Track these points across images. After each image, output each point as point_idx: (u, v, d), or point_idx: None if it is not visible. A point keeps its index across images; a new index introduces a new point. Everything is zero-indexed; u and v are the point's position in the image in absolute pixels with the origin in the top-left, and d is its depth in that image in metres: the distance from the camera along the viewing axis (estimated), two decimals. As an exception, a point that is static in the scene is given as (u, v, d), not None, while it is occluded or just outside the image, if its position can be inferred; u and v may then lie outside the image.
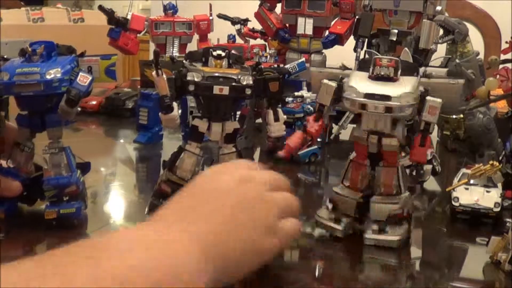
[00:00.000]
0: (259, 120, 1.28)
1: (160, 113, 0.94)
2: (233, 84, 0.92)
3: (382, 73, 0.91)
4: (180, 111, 0.96)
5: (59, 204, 0.95)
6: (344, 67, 0.98)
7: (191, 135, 0.97)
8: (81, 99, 0.94)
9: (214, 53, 0.94)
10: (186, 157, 0.96)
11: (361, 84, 0.90)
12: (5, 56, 0.96)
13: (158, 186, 0.97)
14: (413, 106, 0.88)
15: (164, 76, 0.92)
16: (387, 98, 0.87)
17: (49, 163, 0.96)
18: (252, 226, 0.72)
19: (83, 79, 0.94)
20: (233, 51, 0.98)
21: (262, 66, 0.98)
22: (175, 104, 0.93)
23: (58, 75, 0.90)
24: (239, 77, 0.93)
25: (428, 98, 0.89)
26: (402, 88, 0.88)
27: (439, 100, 0.89)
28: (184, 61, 0.97)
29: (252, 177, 0.78)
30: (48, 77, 0.89)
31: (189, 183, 0.80)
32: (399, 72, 0.91)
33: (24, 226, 0.97)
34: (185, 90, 0.94)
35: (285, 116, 0.99)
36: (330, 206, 0.97)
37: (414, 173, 0.91)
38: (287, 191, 0.82)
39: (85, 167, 1.03)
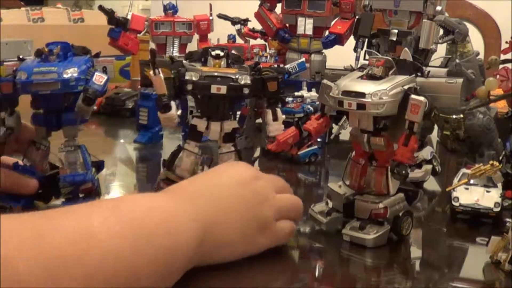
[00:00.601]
0: (259, 120, 1.29)
1: (158, 112, 0.94)
2: (231, 83, 0.92)
3: (370, 72, 0.91)
4: (180, 110, 0.96)
5: (75, 201, 0.97)
6: (351, 68, 0.98)
7: (190, 134, 0.97)
8: (98, 98, 0.96)
9: (213, 53, 0.94)
10: (185, 156, 0.96)
11: (345, 82, 0.91)
12: (21, 56, 0.98)
13: (157, 185, 0.97)
14: (389, 104, 0.87)
15: (161, 75, 0.92)
16: (361, 95, 0.87)
17: (65, 161, 0.98)
18: (247, 219, 0.78)
19: (99, 78, 0.96)
20: (233, 51, 0.98)
21: (261, 66, 0.98)
22: (173, 104, 0.93)
23: (75, 74, 0.92)
24: (237, 76, 0.93)
25: (411, 96, 0.88)
26: (381, 86, 0.88)
27: (422, 98, 0.87)
28: (183, 61, 0.97)
29: (263, 177, 0.85)
30: (65, 76, 0.91)
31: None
32: (390, 72, 0.91)
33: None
34: (183, 90, 0.94)
35: (283, 116, 0.99)
36: (328, 201, 0.97)
37: (395, 171, 0.90)
38: (291, 194, 0.90)
39: (99, 165, 1.05)
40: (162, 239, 0.66)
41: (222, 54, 0.94)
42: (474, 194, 1.04)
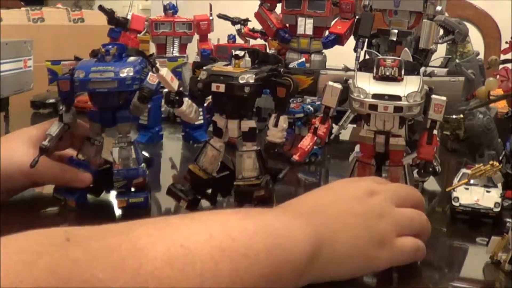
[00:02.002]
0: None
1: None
2: (230, 82, 0.93)
3: (387, 73, 0.91)
4: (200, 109, 1.01)
5: (128, 194, 1.03)
6: (346, 69, 0.98)
7: (213, 130, 1.02)
8: (152, 96, 1.02)
9: (234, 53, 0.98)
10: (209, 150, 1.01)
11: (368, 85, 0.91)
12: (77, 56, 1.03)
13: (183, 177, 1.03)
14: (421, 105, 0.89)
15: (162, 72, 0.95)
16: (396, 98, 0.88)
17: (118, 156, 1.03)
18: (363, 235, 0.75)
19: (153, 78, 1.01)
20: (271, 51, 0.99)
21: (282, 70, 0.98)
22: (186, 100, 0.97)
23: (131, 74, 0.98)
24: (238, 75, 0.94)
25: (433, 96, 0.90)
26: (410, 88, 0.89)
27: (444, 98, 0.90)
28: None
29: (381, 191, 0.81)
30: (121, 75, 0.97)
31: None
32: (402, 72, 0.92)
33: (91, 216, 1.04)
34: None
35: (285, 125, 0.99)
36: None
37: (422, 171, 0.92)
38: (419, 207, 0.85)
39: (149, 161, 1.10)
40: (274, 256, 0.64)
41: (241, 54, 0.97)
42: (474, 194, 1.04)
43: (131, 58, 1.02)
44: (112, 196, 1.08)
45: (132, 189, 1.04)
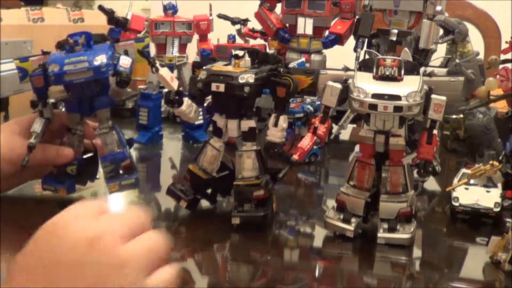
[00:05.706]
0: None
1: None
2: (230, 81, 0.93)
3: (387, 73, 0.91)
4: (200, 109, 1.01)
5: (119, 177, 1.03)
6: (346, 69, 0.98)
7: (213, 130, 1.02)
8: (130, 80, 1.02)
9: (234, 53, 0.98)
10: (209, 150, 1.01)
11: (367, 84, 0.91)
12: (45, 50, 1.04)
13: (183, 177, 1.04)
14: (421, 105, 0.89)
15: (161, 72, 0.95)
16: (396, 98, 0.88)
17: (102, 142, 1.04)
18: None
19: (125, 61, 1.02)
20: (272, 51, 1.00)
21: (282, 70, 0.98)
22: (185, 100, 0.98)
23: (104, 61, 0.98)
24: (238, 75, 0.94)
25: (433, 96, 0.91)
26: (409, 87, 0.89)
27: (443, 98, 0.90)
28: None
29: (103, 232, 0.63)
30: (95, 63, 0.97)
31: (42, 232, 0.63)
32: (402, 72, 0.92)
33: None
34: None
35: (285, 125, 0.99)
36: (335, 206, 0.97)
37: (422, 170, 0.92)
38: (146, 228, 0.66)
39: (129, 142, 1.10)
40: None
41: (241, 54, 0.98)
42: (474, 194, 1.04)
43: (99, 45, 1.02)
44: (102, 182, 1.07)
45: (121, 172, 1.04)
